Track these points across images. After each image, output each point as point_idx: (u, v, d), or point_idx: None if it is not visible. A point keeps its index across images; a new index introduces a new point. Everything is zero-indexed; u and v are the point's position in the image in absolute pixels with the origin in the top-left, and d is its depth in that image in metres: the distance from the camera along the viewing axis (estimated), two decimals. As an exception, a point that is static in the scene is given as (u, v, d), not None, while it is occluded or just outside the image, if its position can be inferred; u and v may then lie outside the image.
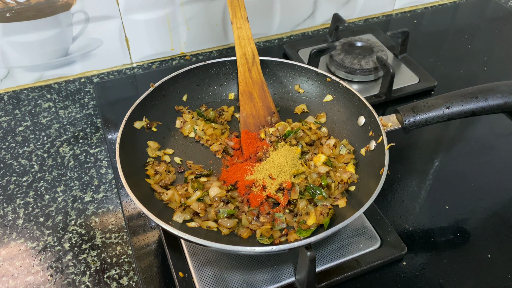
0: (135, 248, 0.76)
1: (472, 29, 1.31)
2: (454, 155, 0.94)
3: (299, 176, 0.77)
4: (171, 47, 1.18)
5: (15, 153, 0.94)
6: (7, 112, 1.04)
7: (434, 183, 0.88)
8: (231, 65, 0.92)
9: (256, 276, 0.70)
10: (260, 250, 0.61)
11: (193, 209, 0.73)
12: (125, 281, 0.73)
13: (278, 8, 1.22)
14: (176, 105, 0.89)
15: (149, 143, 0.83)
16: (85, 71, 1.14)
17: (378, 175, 0.70)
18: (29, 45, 1.04)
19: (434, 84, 1.08)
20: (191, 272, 0.70)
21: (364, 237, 0.76)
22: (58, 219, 0.82)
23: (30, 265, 0.75)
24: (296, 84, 0.93)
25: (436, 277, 0.73)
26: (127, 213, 0.81)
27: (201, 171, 0.80)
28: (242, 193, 0.76)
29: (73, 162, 0.92)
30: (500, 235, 0.79)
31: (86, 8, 1.03)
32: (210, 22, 1.17)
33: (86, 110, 1.05)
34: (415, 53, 1.19)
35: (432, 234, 0.79)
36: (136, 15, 1.08)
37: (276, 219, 0.72)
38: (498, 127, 0.99)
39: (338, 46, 1.12)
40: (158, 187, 0.76)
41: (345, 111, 0.87)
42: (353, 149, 0.83)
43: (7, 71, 1.06)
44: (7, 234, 0.80)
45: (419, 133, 0.98)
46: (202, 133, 0.87)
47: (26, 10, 0.98)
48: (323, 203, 0.73)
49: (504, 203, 0.84)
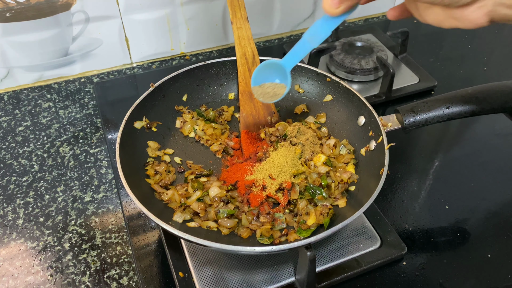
0: (135, 248, 0.76)
1: (472, 29, 1.30)
2: (454, 155, 0.94)
3: (299, 176, 0.77)
4: (171, 47, 1.18)
5: (15, 153, 0.94)
6: (7, 112, 1.04)
7: (434, 183, 0.88)
8: (231, 65, 0.92)
9: (256, 276, 0.70)
10: (260, 250, 0.61)
11: (193, 209, 0.73)
12: (125, 281, 0.73)
13: (278, 8, 1.21)
14: (176, 105, 0.89)
15: (149, 143, 0.83)
16: (85, 71, 1.14)
17: (378, 175, 0.70)
18: (29, 45, 1.04)
19: (434, 84, 1.08)
20: (191, 272, 0.70)
21: (364, 237, 0.76)
22: (58, 219, 0.82)
23: (30, 265, 0.75)
24: (296, 84, 0.93)
25: (436, 277, 0.73)
26: (127, 213, 0.81)
27: (201, 171, 0.80)
28: (242, 193, 0.76)
29: (73, 162, 0.92)
30: (500, 235, 0.79)
31: (86, 8, 1.03)
32: (210, 22, 1.17)
33: (86, 110, 1.05)
34: (415, 53, 1.19)
35: (432, 234, 0.79)
36: (136, 15, 1.08)
37: (276, 219, 0.72)
38: (498, 127, 0.99)
39: (338, 46, 1.12)
40: (158, 187, 0.76)
41: (345, 111, 0.87)
42: (353, 149, 0.83)
43: (7, 71, 1.06)
44: (7, 234, 0.80)
45: (419, 133, 0.98)
46: (202, 133, 0.87)
47: (26, 10, 0.98)
48: (323, 203, 0.73)
49: (504, 203, 0.84)
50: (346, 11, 0.55)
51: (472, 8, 0.46)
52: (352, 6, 0.55)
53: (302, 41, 0.64)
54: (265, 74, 0.71)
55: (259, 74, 0.71)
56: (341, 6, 0.54)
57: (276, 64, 0.68)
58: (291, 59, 0.66)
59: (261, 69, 0.71)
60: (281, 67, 0.68)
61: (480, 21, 0.47)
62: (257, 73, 0.71)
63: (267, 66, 0.70)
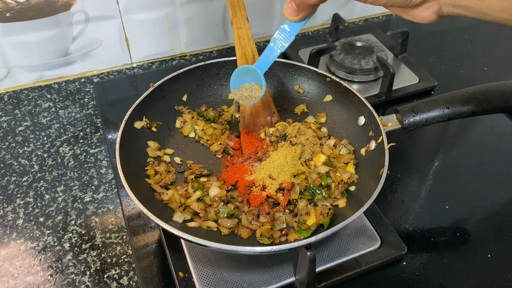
0: (135, 248, 0.76)
1: (472, 29, 1.31)
2: (454, 155, 0.94)
3: (299, 176, 0.77)
4: (171, 47, 1.18)
5: (15, 153, 0.94)
6: (7, 112, 1.04)
7: (434, 183, 0.88)
8: (231, 65, 0.92)
9: (256, 276, 0.70)
10: (260, 250, 0.61)
11: (193, 209, 0.73)
12: (125, 281, 0.73)
13: (278, 8, 1.21)
14: (176, 105, 0.89)
15: (149, 143, 0.83)
16: (85, 71, 1.14)
17: (378, 175, 0.70)
18: (29, 45, 1.04)
19: (434, 84, 1.08)
20: (191, 272, 0.70)
21: (364, 237, 0.76)
22: (58, 219, 0.82)
23: (30, 265, 0.75)
24: (296, 84, 0.93)
25: (436, 277, 0.73)
26: (127, 213, 0.81)
27: (201, 171, 0.80)
28: (242, 193, 0.76)
29: (73, 162, 0.92)
30: (500, 235, 0.79)
31: (86, 8, 1.03)
32: (210, 22, 1.17)
33: (86, 110, 1.05)
34: (415, 53, 1.19)
35: (432, 234, 0.79)
36: (136, 15, 1.08)
37: (276, 219, 0.72)
38: (498, 127, 0.99)
39: (338, 46, 1.12)
40: (158, 187, 0.76)
41: (345, 111, 0.87)
42: (353, 149, 0.83)
43: (7, 71, 1.06)
44: (7, 234, 0.80)
45: (419, 133, 0.98)
46: (202, 133, 0.87)
47: (26, 10, 0.98)
48: (323, 203, 0.73)
49: (504, 203, 0.84)
50: (305, 18, 0.61)
51: (422, 8, 0.53)
52: (309, 14, 0.61)
53: (270, 46, 0.70)
54: (242, 79, 0.76)
55: (236, 79, 0.76)
56: (300, 14, 0.60)
57: (251, 69, 0.73)
58: (263, 64, 0.72)
59: (237, 75, 0.76)
60: (255, 71, 0.73)
61: (430, 18, 0.53)
62: (234, 78, 0.76)
63: (242, 71, 0.75)
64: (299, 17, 0.61)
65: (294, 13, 0.60)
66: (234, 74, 0.76)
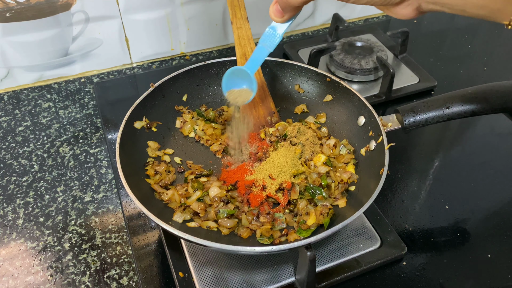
0: (135, 248, 0.76)
1: (472, 29, 1.31)
2: (454, 155, 0.94)
3: (299, 176, 0.77)
4: (171, 47, 1.18)
5: (15, 153, 0.94)
6: (7, 112, 1.04)
7: (434, 183, 0.88)
8: (231, 65, 0.92)
9: (256, 276, 0.70)
10: (260, 250, 0.61)
11: (193, 209, 0.73)
12: (125, 281, 0.73)
13: (278, 8, 1.21)
14: (176, 105, 0.89)
15: (149, 143, 0.83)
16: (85, 71, 1.14)
17: (378, 175, 0.70)
18: (29, 45, 1.04)
19: (434, 84, 1.08)
20: (191, 272, 0.70)
21: (364, 237, 0.76)
22: (58, 219, 0.82)
23: (30, 265, 0.75)
24: (296, 84, 0.93)
25: (436, 277, 0.73)
26: (127, 213, 0.81)
27: (201, 171, 0.80)
28: (242, 193, 0.76)
29: (73, 162, 0.92)
30: (500, 235, 0.79)
31: (86, 8, 1.03)
32: (210, 22, 1.17)
33: (86, 110, 1.05)
34: (415, 53, 1.19)
35: (432, 234, 0.79)
36: (136, 15, 1.08)
37: (276, 219, 0.72)
38: (498, 127, 0.99)
39: (338, 46, 1.12)
40: (158, 187, 0.76)
41: (345, 111, 0.87)
42: (353, 149, 0.83)
43: (7, 71, 1.06)
44: (7, 234, 0.80)
45: (419, 133, 0.98)
46: (202, 133, 0.87)
47: (26, 10, 0.98)
48: (323, 203, 0.73)
49: (504, 203, 0.84)
50: (290, 18, 0.63)
51: (402, 6, 0.55)
52: (294, 15, 0.63)
53: (258, 47, 0.71)
54: (233, 80, 0.78)
55: (227, 80, 0.78)
56: (285, 16, 0.62)
57: (241, 70, 0.75)
58: (253, 64, 0.74)
59: (228, 76, 0.77)
60: (246, 72, 0.75)
61: (411, 15, 0.56)
62: (226, 79, 0.78)
63: (234, 72, 0.77)
64: (284, 18, 0.62)
65: (280, 15, 0.62)
66: (225, 76, 0.77)
